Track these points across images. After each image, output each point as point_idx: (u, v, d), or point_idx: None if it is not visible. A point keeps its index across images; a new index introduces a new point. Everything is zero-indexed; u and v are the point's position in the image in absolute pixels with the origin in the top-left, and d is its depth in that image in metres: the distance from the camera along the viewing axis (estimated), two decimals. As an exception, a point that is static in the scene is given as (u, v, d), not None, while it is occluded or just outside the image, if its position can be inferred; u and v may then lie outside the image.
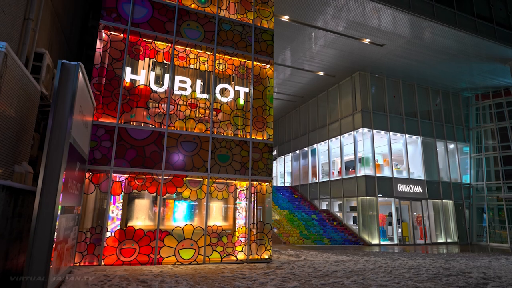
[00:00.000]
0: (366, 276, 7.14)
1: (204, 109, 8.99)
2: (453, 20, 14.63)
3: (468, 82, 19.77)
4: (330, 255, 11.05)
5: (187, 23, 9.07)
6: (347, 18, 13.45)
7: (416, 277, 7.28)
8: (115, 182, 7.77)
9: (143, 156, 7.95)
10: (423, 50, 15.76)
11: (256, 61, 9.79)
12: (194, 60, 9.20)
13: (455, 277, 7.39)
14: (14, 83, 5.13)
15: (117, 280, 5.73)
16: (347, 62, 17.29)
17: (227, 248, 8.45)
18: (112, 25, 8.22)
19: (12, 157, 5.30)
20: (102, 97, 7.92)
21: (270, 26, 10.24)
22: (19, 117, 5.44)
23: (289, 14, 13.27)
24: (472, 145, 21.10)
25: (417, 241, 17.62)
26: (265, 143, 9.40)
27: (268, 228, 9.06)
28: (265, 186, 9.33)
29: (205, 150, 8.61)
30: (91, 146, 7.50)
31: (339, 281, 6.45)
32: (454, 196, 19.35)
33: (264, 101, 9.71)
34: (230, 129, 9.16)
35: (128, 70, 8.30)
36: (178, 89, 8.75)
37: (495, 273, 8.13)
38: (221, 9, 9.64)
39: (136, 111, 8.30)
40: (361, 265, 8.69)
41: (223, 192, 8.78)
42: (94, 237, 7.26)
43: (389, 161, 17.90)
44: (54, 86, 4.70)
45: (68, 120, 4.66)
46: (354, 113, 18.36)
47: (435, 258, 10.90)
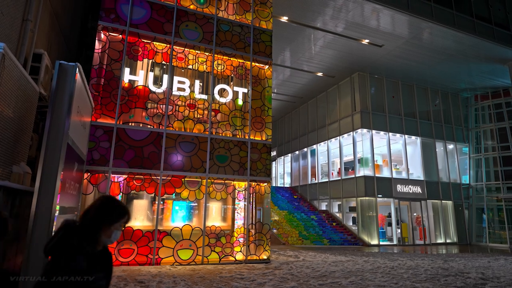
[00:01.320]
0: (364, 276, 7.14)
1: (203, 109, 9.00)
2: (452, 20, 14.65)
3: (467, 83, 19.78)
4: (329, 255, 11.05)
5: (186, 24, 9.09)
6: (346, 19, 13.48)
7: (414, 277, 7.28)
8: (114, 183, 7.78)
9: (141, 156, 7.96)
10: (422, 51, 15.78)
11: (254, 61, 9.81)
12: (193, 60, 9.22)
13: (454, 278, 7.39)
14: (12, 84, 5.15)
15: (115, 280, 5.74)
16: (346, 62, 17.31)
17: (226, 248, 8.45)
18: (111, 26, 8.24)
19: (10, 157, 5.31)
20: (100, 97, 7.93)
21: (269, 27, 10.26)
22: (17, 117, 5.45)
23: (288, 15, 13.30)
24: (472, 145, 21.10)
25: (416, 242, 17.60)
26: (264, 144, 9.41)
27: (267, 229, 9.06)
28: (264, 186, 9.33)
29: (204, 151, 8.62)
30: (90, 146, 7.51)
31: (337, 282, 6.45)
32: (454, 197, 19.34)
33: (263, 102, 9.73)
34: (228, 130, 9.17)
35: (126, 70, 8.32)
36: (176, 90, 8.76)
37: (493, 274, 8.13)
38: (220, 10, 9.66)
39: (134, 112, 8.31)
40: (360, 266, 8.69)
41: (222, 193, 8.78)
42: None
43: (388, 162, 17.91)
44: (51, 87, 4.71)
45: (65, 121, 4.67)
46: (353, 114, 18.38)
47: (434, 259, 10.90)
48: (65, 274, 1.44)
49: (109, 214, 1.63)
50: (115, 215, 1.63)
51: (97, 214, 1.62)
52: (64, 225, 1.59)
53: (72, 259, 1.48)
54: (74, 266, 1.46)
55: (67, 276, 1.44)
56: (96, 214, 1.62)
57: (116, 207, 1.66)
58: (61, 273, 1.44)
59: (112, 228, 1.62)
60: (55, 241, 1.52)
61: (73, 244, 1.51)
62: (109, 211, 1.64)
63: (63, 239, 1.53)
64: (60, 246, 1.51)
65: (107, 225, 1.61)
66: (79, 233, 1.57)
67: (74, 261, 1.47)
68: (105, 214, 1.63)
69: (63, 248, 1.50)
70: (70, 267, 1.46)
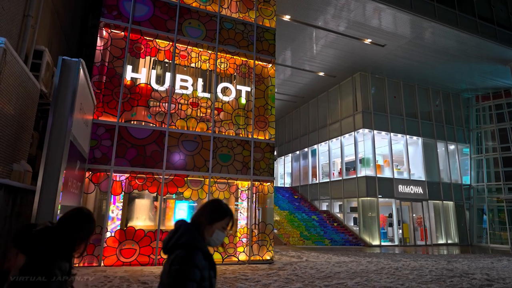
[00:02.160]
0: (370, 277, 7.06)
1: (206, 108, 8.90)
2: (455, 20, 14.60)
3: (468, 83, 19.75)
4: (332, 256, 10.96)
5: (189, 22, 8.98)
6: (348, 18, 13.40)
7: (419, 278, 7.20)
8: (115, 182, 7.67)
9: (143, 155, 7.85)
10: (424, 51, 15.72)
11: (258, 60, 9.71)
12: (196, 58, 9.12)
13: (459, 279, 7.32)
14: (13, 79, 5.03)
15: (118, 281, 5.63)
16: (348, 62, 17.24)
17: (229, 249, 8.35)
18: (113, 23, 8.13)
19: (11, 155, 5.19)
20: (102, 95, 7.82)
21: (272, 25, 10.17)
22: (18, 114, 5.34)
23: (291, 13, 13.21)
24: (473, 146, 21.07)
25: (417, 242, 17.54)
26: (267, 143, 9.31)
27: (270, 229, 8.97)
28: (267, 186, 9.24)
29: (207, 150, 8.51)
30: (91, 145, 7.40)
31: (343, 283, 6.36)
32: (455, 197, 19.29)
33: (266, 101, 9.63)
34: (231, 129, 9.06)
35: (129, 68, 8.21)
36: (179, 88, 8.66)
37: (498, 275, 8.06)
38: (223, 8, 9.57)
39: (136, 110, 8.21)
40: (364, 266, 8.61)
41: (225, 192, 8.68)
42: (94, 238, 7.15)
43: (389, 162, 17.84)
44: (54, 83, 4.61)
45: (68, 118, 4.56)
46: (355, 114, 18.30)
47: (437, 259, 10.83)
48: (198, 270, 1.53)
49: (211, 213, 1.72)
50: (216, 215, 1.71)
51: (202, 213, 1.73)
52: (188, 223, 1.71)
53: (197, 255, 1.56)
54: (200, 262, 1.55)
55: (200, 273, 1.53)
56: (201, 213, 1.73)
57: (219, 207, 1.75)
58: (196, 270, 1.51)
59: (214, 228, 1.69)
60: (187, 237, 1.60)
61: (198, 239, 1.63)
62: (212, 211, 1.73)
63: (194, 234, 1.63)
64: (192, 241, 1.59)
65: (208, 224, 1.70)
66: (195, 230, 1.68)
67: (198, 258, 1.56)
68: (210, 213, 1.72)
69: (195, 244, 1.59)
70: (197, 263, 1.53)
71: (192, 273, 1.49)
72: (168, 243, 1.62)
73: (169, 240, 1.63)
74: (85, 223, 1.80)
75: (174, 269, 1.49)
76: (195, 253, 1.55)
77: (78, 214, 1.81)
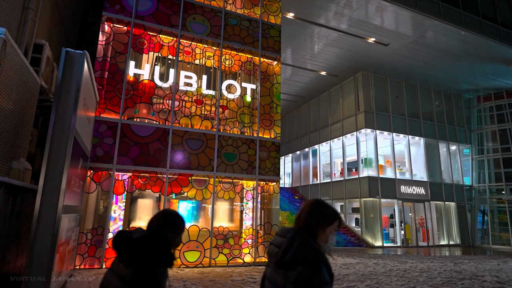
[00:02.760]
0: (380, 279, 6.88)
1: (210, 105, 8.67)
2: (459, 20, 14.49)
3: (469, 84, 19.68)
4: (337, 257, 10.77)
5: (193, 17, 8.75)
6: (352, 16, 13.23)
7: (430, 281, 7.03)
8: (118, 181, 7.42)
9: (147, 153, 7.61)
10: (427, 50, 15.60)
11: (263, 57, 9.51)
12: (200, 55, 8.89)
13: (469, 281, 7.16)
14: (13, 72, 4.78)
15: (122, 284, 5.39)
16: (350, 61, 17.07)
17: (234, 250, 8.13)
18: (116, 17, 7.88)
19: (10, 152, 4.94)
20: (104, 91, 7.57)
21: (278, 22, 9.97)
22: (17, 109, 5.09)
23: (294, 11, 13.01)
24: (474, 147, 21.01)
25: (419, 243, 17.42)
26: (273, 142, 9.11)
27: (276, 230, 8.76)
28: (273, 186, 9.03)
29: (211, 148, 8.29)
30: (93, 142, 7.15)
31: (354, 285, 6.18)
32: (457, 198, 19.21)
33: (271, 99, 9.43)
34: (236, 127, 8.85)
35: (131, 64, 7.96)
36: (183, 85, 8.43)
37: (508, 277, 7.94)
38: (228, 3, 9.35)
39: (139, 107, 7.96)
40: (372, 268, 8.43)
41: (230, 192, 8.46)
42: (95, 239, 6.90)
43: (391, 162, 17.70)
44: (57, 76, 4.37)
45: (72, 113, 4.32)
46: (357, 114, 18.15)
47: (443, 261, 10.69)
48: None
49: (323, 218, 1.55)
50: (327, 219, 1.54)
51: (311, 217, 1.55)
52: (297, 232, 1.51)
53: (323, 270, 1.39)
54: (327, 277, 1.37)
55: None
56: (309, 218, 1.55)
57: (326, 209, 1.58)
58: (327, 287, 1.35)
59: (327, 233, 1.53)
60: (309, 251, 1.42)
61: (320, 252, 1.44)
62: (323, 215, 1.56)
63: (315, 246, 1.45)
64: (316, 255, 1.41)
65: (321, 230, 1.53)
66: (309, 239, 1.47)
67: (325, 274, 1.38)
68: (321, 217, 1.55)
69: (319, 258, 1.41)
70: (327, 280, 1.37)
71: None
72: (284, 256, 1.42)
73: (284, 253, 1.43)
74: (179, 225, 1.65)
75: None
76: (321, 269, 1.38)
77: (169, 218, 1.64)
